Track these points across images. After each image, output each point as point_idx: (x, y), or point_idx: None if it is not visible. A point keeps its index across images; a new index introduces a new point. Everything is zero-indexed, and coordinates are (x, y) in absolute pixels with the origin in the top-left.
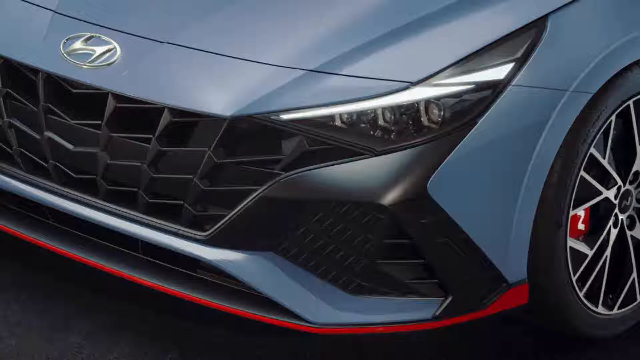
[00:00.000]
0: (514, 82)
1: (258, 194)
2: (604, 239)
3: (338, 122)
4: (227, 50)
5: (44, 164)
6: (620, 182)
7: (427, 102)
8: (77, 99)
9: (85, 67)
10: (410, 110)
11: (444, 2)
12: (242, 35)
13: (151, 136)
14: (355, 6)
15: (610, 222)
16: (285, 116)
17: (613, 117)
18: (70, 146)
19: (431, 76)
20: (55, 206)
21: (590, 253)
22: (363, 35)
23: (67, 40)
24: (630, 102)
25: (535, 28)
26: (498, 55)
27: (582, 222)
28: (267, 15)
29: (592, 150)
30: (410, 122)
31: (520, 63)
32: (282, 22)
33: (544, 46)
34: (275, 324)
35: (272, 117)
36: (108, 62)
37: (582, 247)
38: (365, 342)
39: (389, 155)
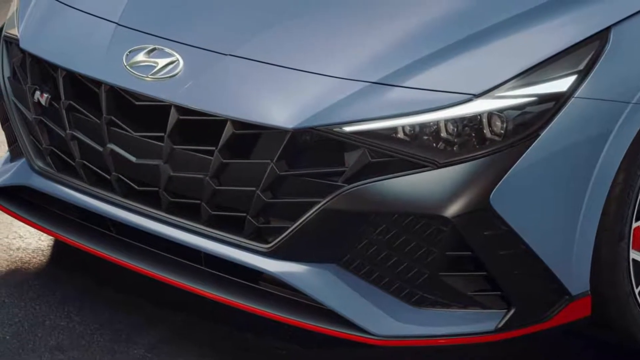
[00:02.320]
0: (576, 94)
1: (320, 206)
2: None
3: (401, 135)
4: (289, 63)
5: (106, 176)
6: None
7: (490, 114)
8: (140, 111)
9: (148, 79)
10: (473, 123)
11: (506, 14)
12: (305, 47)
13: (214, 148)
14: (418, 19)
15: None
16: (347, 128)
17: None
18: (132, 158)
19: (494, 88)
20: (117, 218)
21: None
22: (425, 47)
23: (130, 52)
24: None
25: (598, 40)
26: (561, 68)
27: None
28: (329, 28)
29: None
30: (473, 135)
31: (583, 75)
32: (345, 34)
33: (607, 58)
34: (337, 336)
35: (334, 130)
36: (171, 75)
37: None
38: (426, 353)
39: (451, 168)
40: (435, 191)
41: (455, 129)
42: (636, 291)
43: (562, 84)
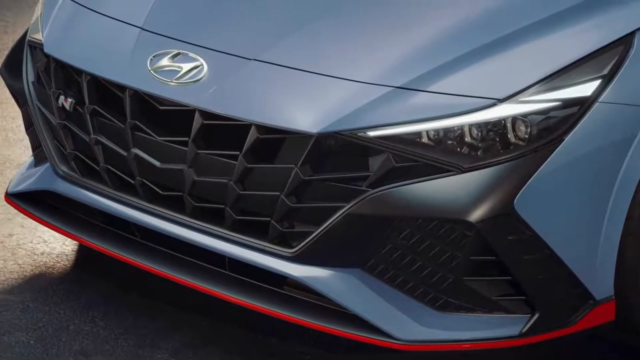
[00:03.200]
0: (600, 99)
1: (345, 211)
2: None
3: (425, 139)
4: (313, 67)
5: (130, 180)
6: None
7: (514, 119)
8: (164, 116)
9: (172, 84)
10: (497, 127)
11: (530, 19)
12: (329, 52)
13: (238, 153)
14: (442, 24)
15: None
16: (372, 133)
17: None
18: (157, 163)
19: (518, 93)
20: (141, 223)
21: None
22: (449, 52)
23: (154, 57)
24: None
25: (622, 45)
26: (585, 72)
27: None
28: (353, 32)
29: None
30: (497, 139)
31: (607, 80)
32: (369, 39)
33: (631, 63)
34: (361, 341)
35: (359, 134)
36: (195, 79)
37: None
38: (451, 358)
39: (475, 172)
40: (459, 196)
41: (480, 134)
42: None
43: (586, 89)
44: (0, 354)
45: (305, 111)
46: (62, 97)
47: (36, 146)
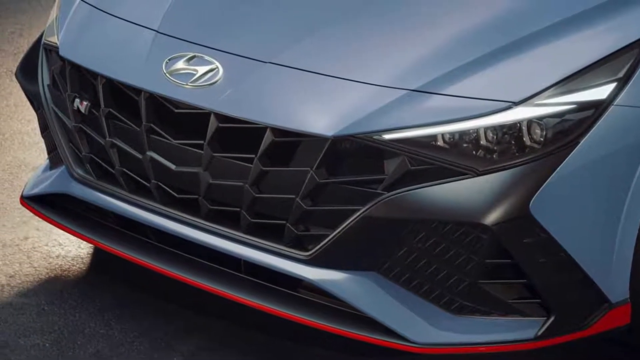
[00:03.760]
0: (616, 102)
1: (360, 214)
2: None
3: (440, 142)
4: (329, 70)
5: (146, 183)
6: None
7: (530, 122)
8: (179, 119)
9: (187, 87)
10: (512, 130)
11: (545, 22)
12: (344, 55)
13: (253, 156)
14: (457, 26)
15: None
16: (387, 136)
17: None
18: (172, 166)
19: (533, 96)
20: (157, 226)
21: None
22: (464, 55)
23: (169, 60)
24: None
25: (638, 48)
26: (600, 75)
27: None
28: (368, 35)
29: None
30: (513, 142)
31: (622, 83)
32: (384, 42)
33: None
34: (377, 344)
35: (374, 137)
36: (210, 82)
37: None
38: None
39: (491, 175)
40: (474, 199)
41: (495, 137)
42: None
43: (601, 92)
44: (16, 357)
45: (321, 114)
46: (77, 100)
47: (51, 149)
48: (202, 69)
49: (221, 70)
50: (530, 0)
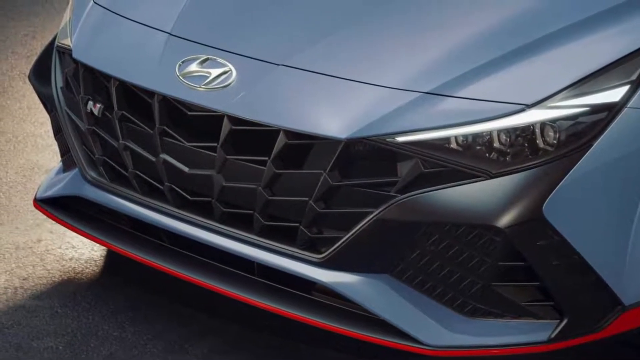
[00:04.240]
0: (629, 105)
1: (374, 216)
2: None
3: (454, 145)
4: (342, 73)
5: (159, 186)
6: None
7: (543, 124)
8: (193, 122)
9: (200, 89)
10: (525, 133)
11: (558, 25)
12: (357, 57)
13: (267, 159)
14: (470, 29)
15: None
16: (400, 138)
17: None
18: (185, 169)
19: (547, 99)
20: (170, 228)
21: None
22: (478, 57)
23: (182, 62)
24: None
25: None
26: (613, 78)
27: None
28: (381, 38)
29: None
30: (526, 145)
31: (635, 85)
32: (397, 44)
33: None
34: (390, 347)
35: (387, 140)
36: (224, 85)
37: None
38: None
39: (504, 178)
40: (488, 201)
41: (508, 139)
42: None
43: (614, 94)
44: (29, 359)
45: (334, 117)
46: (90, 103)
47: (65, 152)
48: (215, 72)
49: (234, 72)
50: (543, 3)
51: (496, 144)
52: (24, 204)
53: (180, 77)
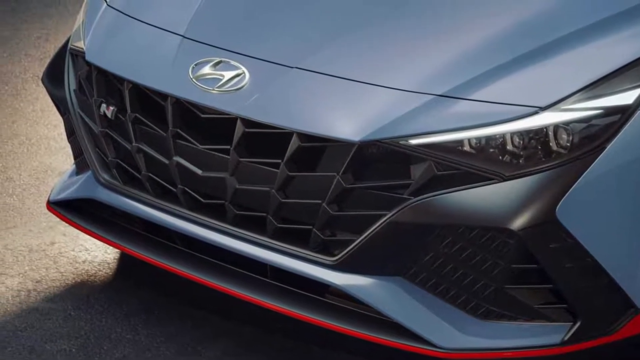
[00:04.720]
0: None
1: (387, 219)
2: None
3: (467, 147)
4: (355, 75)
5: (172, 188)
6: None
7: (556, 127)
8: (206, 124)
9: (214, 92)
10: (539, 135)
11: (571, 27)
12: (370, 60)
13: (280, 161)
14: (483, 32)
15: None
16: (414, 141)
17: None
18: (199, 171)
19: (560, 101)
20: (183, 231)
21: None
22: (491, 60)
23: (195, 65)
24: None
25: None
26: (627, 80)
27: None
28: (394, 40)
29: None
30: (539, 147)
31: None
32: (410, 47)
33: None
34: (403, 349)
35: (400, 142)
36: (237, 87)
37: None
38: None
39: (517, 180)
40: (501, 204)
41: (522, 142)
42: None
43: (628, 97)
44: None
45: (347, 119)
46: (103, 105)
47: (78, 154)
48: (228, 74)
49: (247, 75)
50: (556, 6)
51: (509, 147)
52: (37, 206)
53: (193, 79)
